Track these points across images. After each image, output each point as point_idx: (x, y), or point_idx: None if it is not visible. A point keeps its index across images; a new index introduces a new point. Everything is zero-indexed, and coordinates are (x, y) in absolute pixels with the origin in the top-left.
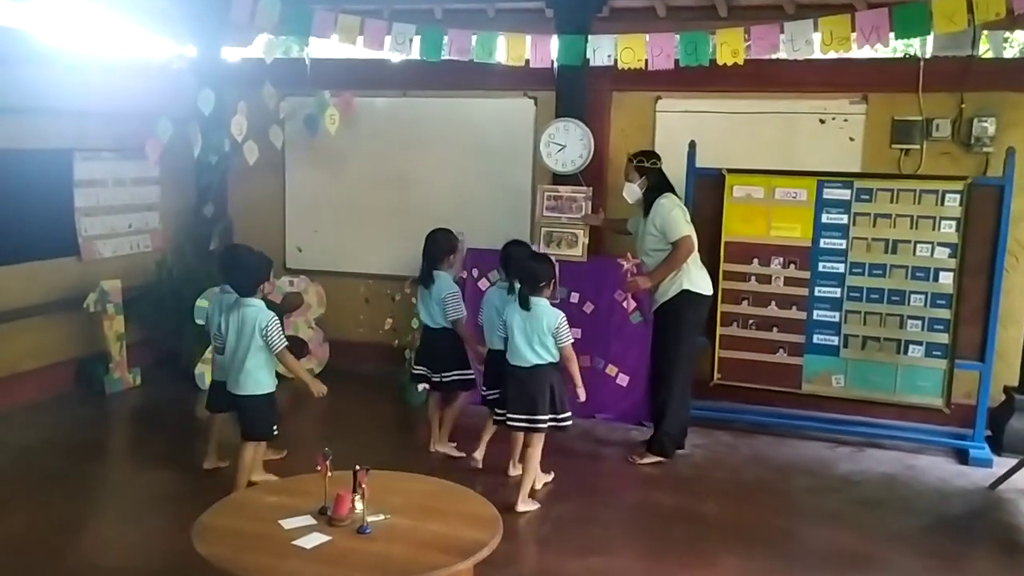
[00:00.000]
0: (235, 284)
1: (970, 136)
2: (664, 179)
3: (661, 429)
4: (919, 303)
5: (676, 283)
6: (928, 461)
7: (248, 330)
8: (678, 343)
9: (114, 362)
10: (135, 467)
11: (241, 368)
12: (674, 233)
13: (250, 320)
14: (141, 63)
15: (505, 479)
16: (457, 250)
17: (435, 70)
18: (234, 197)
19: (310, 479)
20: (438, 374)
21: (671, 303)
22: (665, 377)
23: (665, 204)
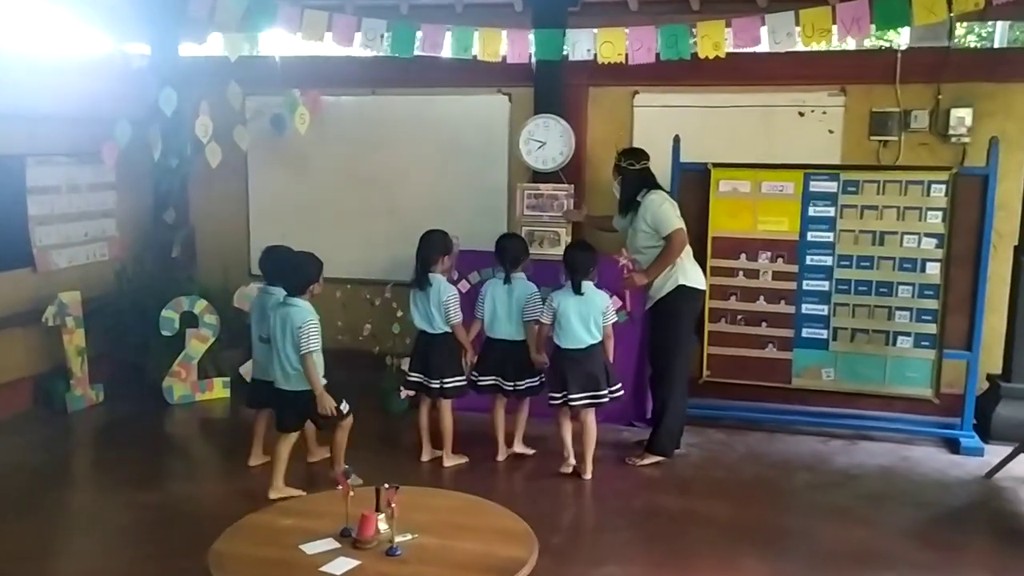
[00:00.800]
0: (285, 283)
1: (947, 127)
2: (647, 178)
3: (661, 428)
4: (907, 294)
5: (671, 279)
6: (921, 452)
7: (289, 329)
8: (676, 340)
9: (75, 378)
10: (106, 490)
11: (287, 364)
12: (666, 227)
13: (290, 319)
14: (94, 63)
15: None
16: (452, 251)
17: (405, 67)
18: (195, 202)
19: (324, 499)
20: (436, 380)
21: (666, 300)
22: (664, 375)
23: (655, 199)
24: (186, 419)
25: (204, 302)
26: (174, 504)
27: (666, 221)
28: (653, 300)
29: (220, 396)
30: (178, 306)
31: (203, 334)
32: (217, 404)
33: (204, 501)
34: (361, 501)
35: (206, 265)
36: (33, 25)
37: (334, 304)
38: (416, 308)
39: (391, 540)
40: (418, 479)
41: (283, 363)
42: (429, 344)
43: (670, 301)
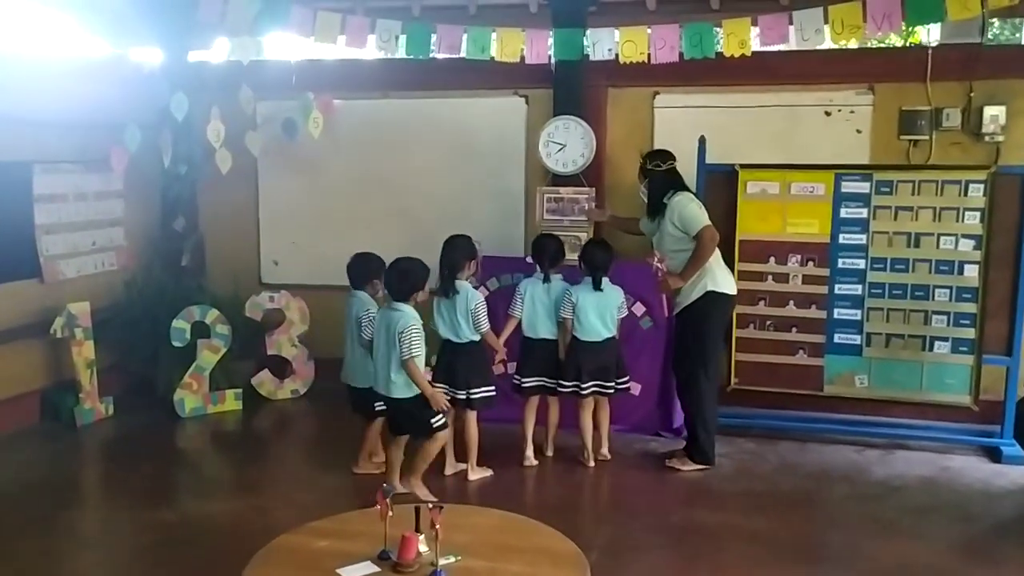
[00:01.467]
0: (389, 287)
1: (980, 125)
2: (674, 179)
3: (700, 438)
4: (944, 297)
5: (699, 285)
6: (961, 461)
7: (391, 334)
8: (704, 347)
9: (84, 391)
10: (118, 509)
11: (388, 370)
12: (695, 225)
13: (393, 323)
14: (102, 68)
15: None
16: (477, 257)
17: (418, 70)
18: (204, 209)
19: (359, 518)
20: (464, 391)
21: (695, 306)
22: (694, 383)
23: (680, 200)
24: (198, 432)
25: (216, 312)
26: (190, 523)
27: (694, 219)
28: (681, 306)
29: (232, 408)
30: (189, 316)
31: (215, 344)
32: (229, 416)
33: (221, 519)
34: (399, 521)
35: (216, 274)
36: (40, 30)
37: (343, 313)
38: (441, 316)
39: (434, 563)
40: (442, 494)
41: (385, 368)
42: (455, 353)
43: (699, 307)
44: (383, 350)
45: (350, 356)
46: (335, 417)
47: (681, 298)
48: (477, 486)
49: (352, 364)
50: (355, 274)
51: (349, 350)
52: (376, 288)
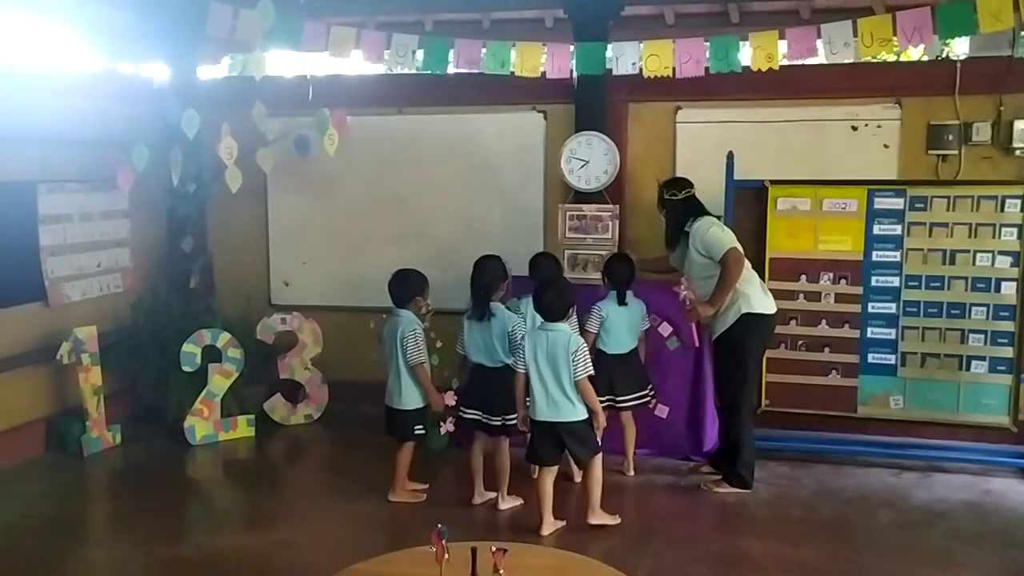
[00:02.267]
0: (392, 295)
1: (1010, 139)
2: (694, 205)
3: (740, 461)
4: (981, 316)
5: (734, 308)
6: (1002, 484)
7: (396, 339)
8: (746, 372)
9: (91, 419)
10: (129, 543)
11: (397, 380)
12: (718, 249)
13: (395, 329)
14: (108, 84)
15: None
16: (508, 278)
17: (433, 85)
18: (213, 229)
19: (405, 559)
20: (498, 417)
21: (732, 330)
22: (736, 408)
23: (702, 225)
24: (210, 461)
25: (227, 335)
26: (210, 559)
27: (717, 244)
28: (718, 332)
29: (245, 435)
30: (200, 339)
31: (227, 369)
32: (242, 444)
33: (244, 555)
34: (455, 563)
35: (225, 295)
36: (45, 47)
37: (368, 335)
38: (473, 340)
39: None
40: (472, 525)
41: (395, 378)
42: (489, 378)
43: (736, 331)
44: (389, 359)
45: (393, 378)
46: (352, 443)
47: (717, 325)
48: (507, 516)
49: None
50: (397, 292)
51: (392, 371)
52: (419, 305)
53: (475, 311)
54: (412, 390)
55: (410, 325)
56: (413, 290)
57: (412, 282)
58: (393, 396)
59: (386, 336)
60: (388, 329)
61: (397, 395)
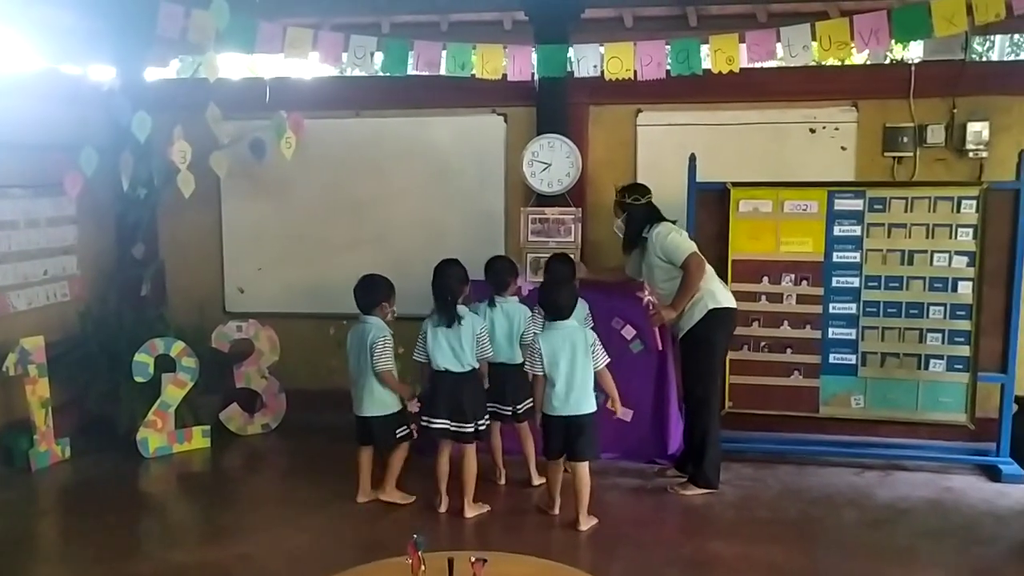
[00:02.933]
0: (358, 301)
1: (963, 141)
2: (652, 213)
3: (706, 460)
4: (938, 315)
5: (700, 305)
6: (961, 481)
7: (365, 347)
8: (713, 367)
9: (39, 433)
10: (83, 562)
11: (364, 387)
12: (679, 255)
13: (364, 336)
14: (53, 87)
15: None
16: (468, 281)
17: (391, 88)
18: (165, 235)
19: (381, 571)
20: (471, 424)
21: (698, 327)
22: (702, 406)
23: (661, 231)
24: (165, 474)
25: (181, 344)
26: (165, 575)
27: (677, 249)
28: (685, 330)
29: (200, 446)
30: (152, 349)
31: (181, 379)
32: (197, 455)
33: (204, 571)
34: (431, 575)
35: (178, 303)
36: None
37: (327, 342)
38: (439, 346)
39: None
40: (438, 535)
41: (362, 385)
42: (459, 384)
43: (702, 328)
44: (357, 366)
45: (363, 385)
46: (311, 452)
47: (684, 322)
48: (474, 524)
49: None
50: (364, 298)
51: (358, 379)
52: (385, 311)
53: (442, 317)
54: (385, 396)
55: (380, 331)
56: (380, 296)
57: (379, 288)
58: (364, 404)
59: (352, 343)
60: (355, 336)
61: (369, 403)
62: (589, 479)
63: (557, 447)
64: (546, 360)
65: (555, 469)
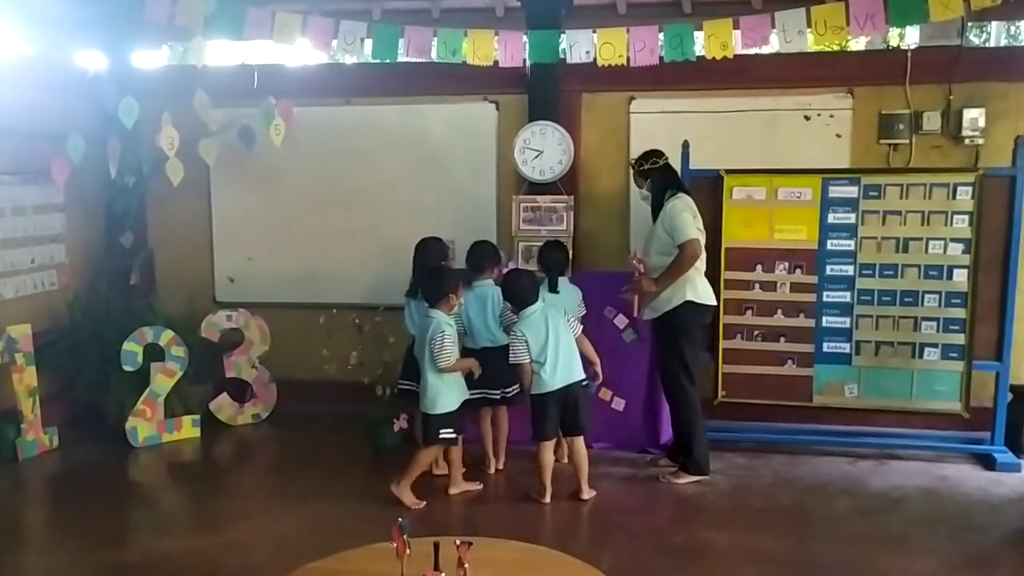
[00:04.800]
0: (426, 293)
1: (959, 128)
2: (671, 175)
3: (695, 448)
4: (933, 303)
5: (679, 292)
6: (955, 470)
7: (426, 342)
8: (685, 356)
9: (27, 422)
10: (71, 551)
11: (425, 382)
12: (681, 236)
13: (426, 331)
14: (40, 73)
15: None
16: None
17: (382, 75)
18: (154, 224)
19: (362, 556)
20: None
21: (673, 314)
22: (682, 394)
23: (676, 205)
24: (154, 463)
25: (170, 333)
26: (155, 565)
27: (682, 230)
28: (659, 312)
29: (190, 436)
30: (141, 338)
31: (170, 368)
32: (187, 445)
33: (191, 559)
34: (416, 559)
35: (167, 292)
36: None
37: (318, 331)
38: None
39: None
40: (426, 520)
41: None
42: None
43: (678, 315)
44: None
45: (424, 379)
46: (301, 443)
47: (659, 304)
48: (463, 510)
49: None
50: (431, 290)
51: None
52: (452, 304)
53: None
54: (441, 393)
55: (439, 327)
56: (448, 288)
57: (449, 280)
58: (424, 400)
59: (419, 334)
60: (420, 327)
61: (425, 399)
62: (586, 450)
63: (552, 427)
64: (534, 346)
65: (548, 453)
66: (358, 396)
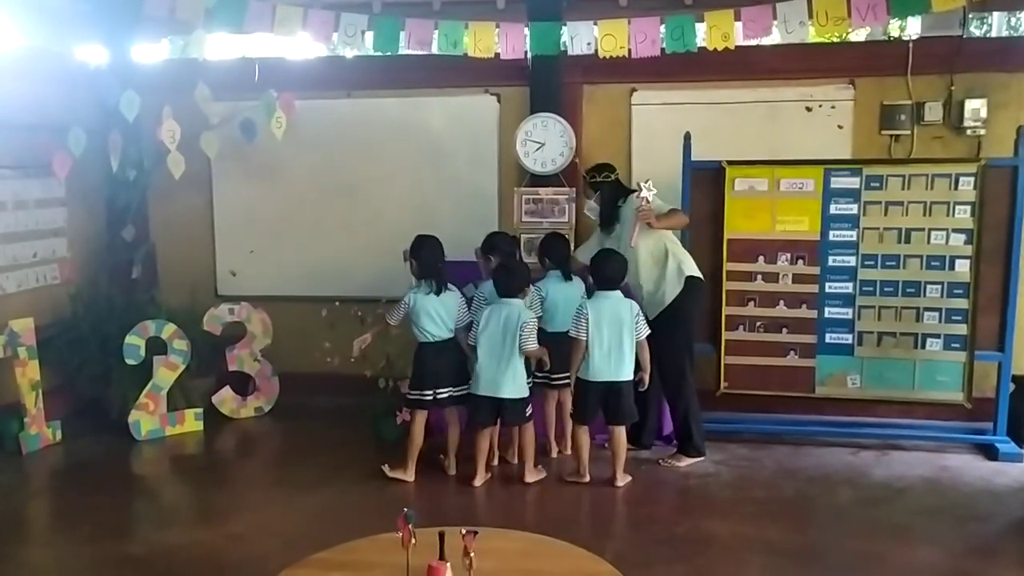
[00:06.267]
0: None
1: (961, 119)
2: (622, 188)
3: (693, 429)
4: (935, 294)
5: (678, 275)
6: (957, 460)
7: (511, 329)
8: (689, 335)
9: (30, 416)
10: (76, 544)
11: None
12: (665, 206)
13: (513, 318)
14: (41, 67)
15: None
16: None
17: (383, 68)
18: (155, 217)
19: (368, 547)
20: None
21: (680, 299)
22: (684, 379)
23: (634, 200)
24: (157, 456)
25: (172, 326)
26: (160, 557)
27: (662, 203)
28: (665, 304)
29: (192, 429)
30: (144, 331)
31: (173, 361)
32: (190, 438)
33: (195, 551)
34: (421, 548)
35: (169, 286)
36: None
37: (320, 324)
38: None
39: None
40: (429, 511)
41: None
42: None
43: (683, 299)
44: (500, 347)
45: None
46: (304, 436)
47: (667, 293)
48: (466, 501)
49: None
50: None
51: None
52: (526, 294)
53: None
54: (521, 378)
55: (527, 313)
56: (525, 282)
57: (524, 275)
58: (504, 386)
59: (491, 325)
60: (495, 317)
61: (511, 385)
62: (625, 440)
63: (592, 412)
64: (593, 329)
65: (584, 436)
66: (361, 389)
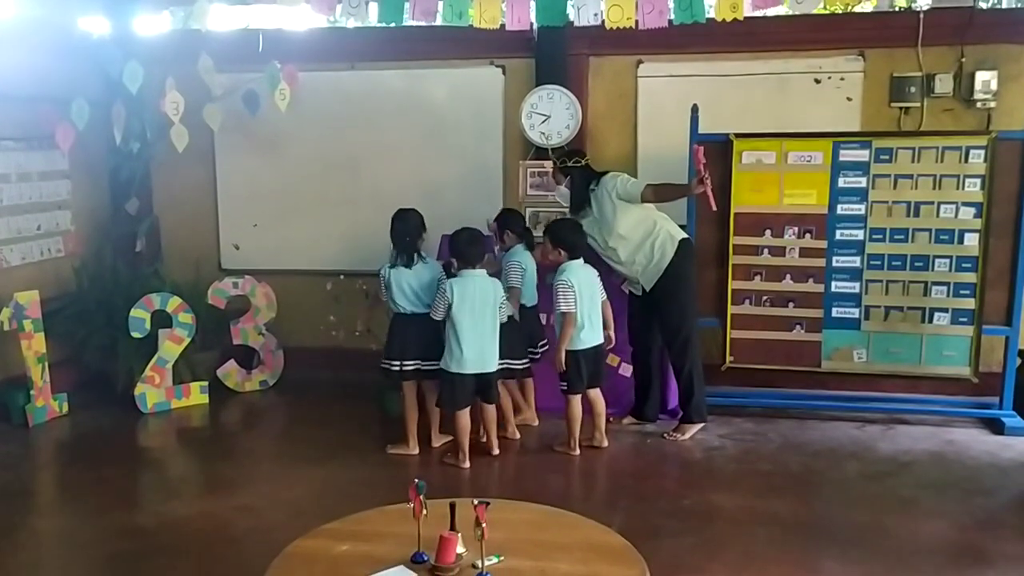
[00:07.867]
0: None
1: (971, 91)
2: (592, 173)
3: (695, 396)
4: (944, 268)
5: (668, 241)
6: (963, 434)
7: (491, 302)
8: (690, 302)
9: (36, 388)
10: (84, 515)
11: (490, 344)
12: (637, 187)
13: (490, 291)
14: (44, 37)
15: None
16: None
17: (387, 39)
18: (159, 190)
19: (378, 517)
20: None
21: (674, 264)
22: (689, 344)
23: (608, 180)
24: (163, 429)
25: (177, 299)
26: (169, 528)
27: (633, 185)
28: (660, 272)
29: (198, 402)
30: (148, 304)
31: (178, 334)
32: (195, 411)
33: (203, 522)
34: (431, 519)
35: (173, 259)
36: None
37: (325, 298)
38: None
39: (476, 565)
40: (437, 484)
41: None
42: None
43: (677, 263)
44: (482, 322)
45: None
46: (309, 409)
47: (660, 263)
48: (473, 473)
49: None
50: (471, 251)
51: (480, 337)
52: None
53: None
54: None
55: (500, 285)
56: (485, 248)
57: (483, 241)
58: (489, 359)
59: (468, 300)
60: (470, 291)
61: (495, 358)
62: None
63: (583, 381)
64: (578, 296)
65: (579, 407)
66: (365, 362)
